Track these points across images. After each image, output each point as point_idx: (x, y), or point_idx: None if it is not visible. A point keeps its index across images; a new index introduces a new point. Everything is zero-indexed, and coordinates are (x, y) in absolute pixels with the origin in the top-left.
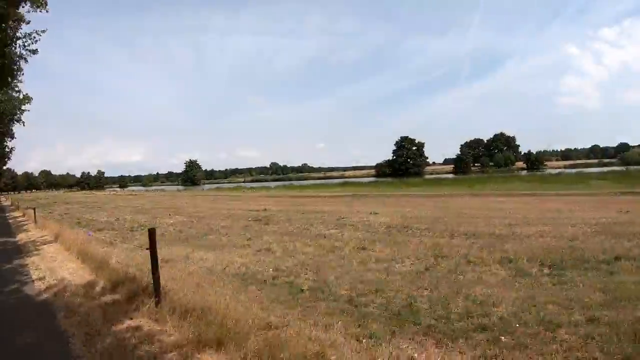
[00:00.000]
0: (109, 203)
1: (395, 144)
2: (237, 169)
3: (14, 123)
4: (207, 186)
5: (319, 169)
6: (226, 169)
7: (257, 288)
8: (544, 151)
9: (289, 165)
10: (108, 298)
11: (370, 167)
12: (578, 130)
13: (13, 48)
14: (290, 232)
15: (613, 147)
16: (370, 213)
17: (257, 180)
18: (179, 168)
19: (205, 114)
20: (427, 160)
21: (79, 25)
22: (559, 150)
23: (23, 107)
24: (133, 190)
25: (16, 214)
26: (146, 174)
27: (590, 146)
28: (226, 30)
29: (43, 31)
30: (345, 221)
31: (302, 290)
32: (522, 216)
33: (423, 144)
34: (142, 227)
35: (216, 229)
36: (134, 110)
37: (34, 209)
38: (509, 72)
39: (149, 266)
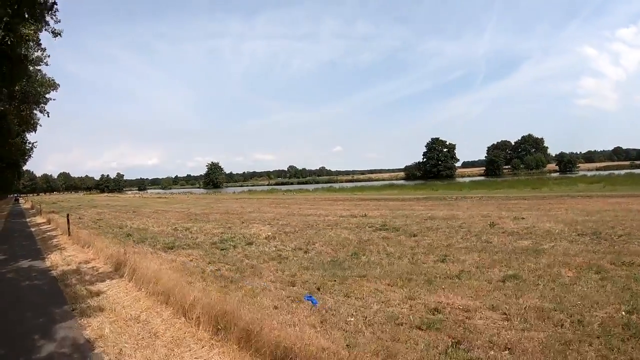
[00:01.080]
0: (143, 207)
1: (425, 146)
2: (254, 172)
3: (37, 109)
4: (230, 189)
5: (337, 172)
6: (244, 172)
7: None
8: (570, 153)
9: (307, 169)
10: None
11: (388, 171)
12: (597, 132)
13: None
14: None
15: (635, 149)
16: (521, 218)
17: (282, 183)
18: (196, 171)
19: (221, 118)
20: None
21: (96, 31)
22: (578, 152)
23: (48, 95)
24: (159, 193)
25: (39, 219)
26: (163, 177)
27: (612, 148)
28: (242, 35)
29: None
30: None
31: None
32: None
33: (454, 145)
34: (231, 242)
35: (363, 247)
36: (151, 114)
37: (67, 215)
38: (525, 74)
39: None
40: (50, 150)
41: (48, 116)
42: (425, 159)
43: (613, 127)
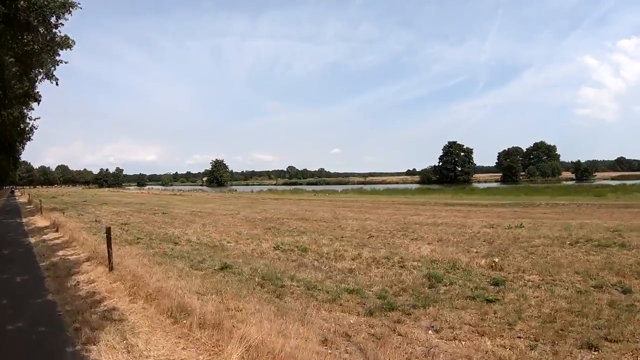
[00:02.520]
0: (169, 206)
1: (442, 149)
2: (254, 171)
3: (42, 73)
4: (236, 187)
5: (335, 174)
6: (243, 171)
7: None
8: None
9: (302, 170)
10: None
11: (389, 174)
12: (596, 142)
13: None
14: None
15: (637, 160)
16: None
17: (291, 183)
18: (194, 169)
19: (221, 116)
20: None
21: (98, 25)
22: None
23: (59, 57)
24: (163, 189)
25: (40, 221)
26: (160, 173)
27: (614, 158)
28: (245, 34)
29: None
30: None
31: None
32: None
33: (471, 150)
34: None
35: None
36: (151, 110)
37: (108, 233)
38: (526, 82)
39: None
40: (48, 143)
41: (57, 84)
42: (441, 163)
43: (612, 138)
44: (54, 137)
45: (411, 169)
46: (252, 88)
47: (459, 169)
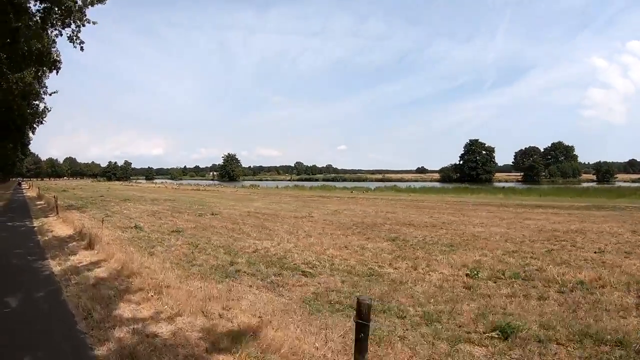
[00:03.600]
0: (205, 204)
1: (464, 147)
2: (261, 166)
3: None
4: (254, 182)
5: (343, 171)
6: (250, 166)
7: None
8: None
9: (312, 166)
10: None
11: (397, 172)
12: (604, 143)
13: None
14: None
15: None
16: None
17: (304, 179)
18: (201, 163)
19: (227, 111)
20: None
21: (105, 15)
22: (587, 162)
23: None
24: (191, 184)
25: (57, 225)
26: (166, 167)
27: (624, 160)
28: (252, 28)
29: None
30: None
31: None
32: None
33: (493, 148)
34: None
35: None
36: (156, 103)
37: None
38: (533, 82)
39: None
40: (53, 134)
41: (82, 48)
42: (462, 162)
43: (621, 140)
44: (59, 128)
45: (420, 167)
46: (258, 83)
47: (481, 167)
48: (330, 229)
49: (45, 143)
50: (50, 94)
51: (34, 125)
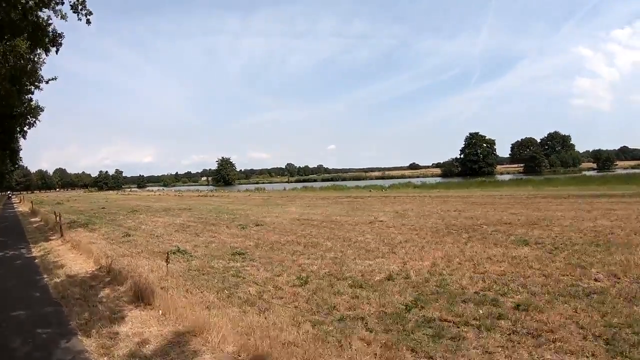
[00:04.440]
0: (231, 212)
1: (464, 140)
2: (252, 169)
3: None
4: (249, 186)
5: (334, 170)
6: (241, 170)
7: None
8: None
9: (304, 167)
10: None
11: (388, 169)
12: (593, 131)
13: None
14: None
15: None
16: None
17: (305, 181)
18: (192, 169)
19: (217, 115)
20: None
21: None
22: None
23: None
24: (191, 190)
25: (67, 255)
26: (158, 174)
27: (615, 148)
28: (238, 32)
29: None
30: None
31: None
32: None
33: (493, 141)
34: None
35: None
36: (145, 111)
37: None
38: (520, 73)
39: None
40: (43, 146)
41: (88, 22)
42: (463, 155)
43: (610, 127)
44: (49, 140)
45: (413, 163)
46: (246, 86)
47: (483, 160)
48: (428, 236)
49: (34, 155)
50: (47, 82)
51: (25, 129)
